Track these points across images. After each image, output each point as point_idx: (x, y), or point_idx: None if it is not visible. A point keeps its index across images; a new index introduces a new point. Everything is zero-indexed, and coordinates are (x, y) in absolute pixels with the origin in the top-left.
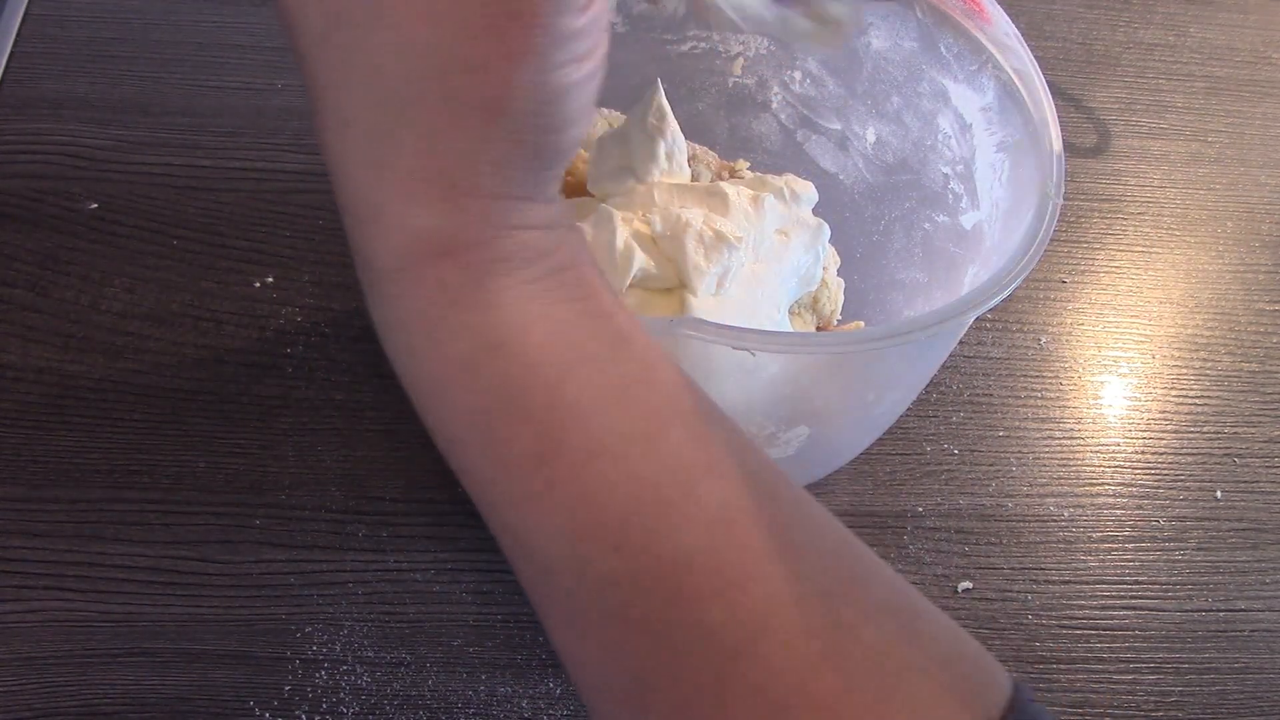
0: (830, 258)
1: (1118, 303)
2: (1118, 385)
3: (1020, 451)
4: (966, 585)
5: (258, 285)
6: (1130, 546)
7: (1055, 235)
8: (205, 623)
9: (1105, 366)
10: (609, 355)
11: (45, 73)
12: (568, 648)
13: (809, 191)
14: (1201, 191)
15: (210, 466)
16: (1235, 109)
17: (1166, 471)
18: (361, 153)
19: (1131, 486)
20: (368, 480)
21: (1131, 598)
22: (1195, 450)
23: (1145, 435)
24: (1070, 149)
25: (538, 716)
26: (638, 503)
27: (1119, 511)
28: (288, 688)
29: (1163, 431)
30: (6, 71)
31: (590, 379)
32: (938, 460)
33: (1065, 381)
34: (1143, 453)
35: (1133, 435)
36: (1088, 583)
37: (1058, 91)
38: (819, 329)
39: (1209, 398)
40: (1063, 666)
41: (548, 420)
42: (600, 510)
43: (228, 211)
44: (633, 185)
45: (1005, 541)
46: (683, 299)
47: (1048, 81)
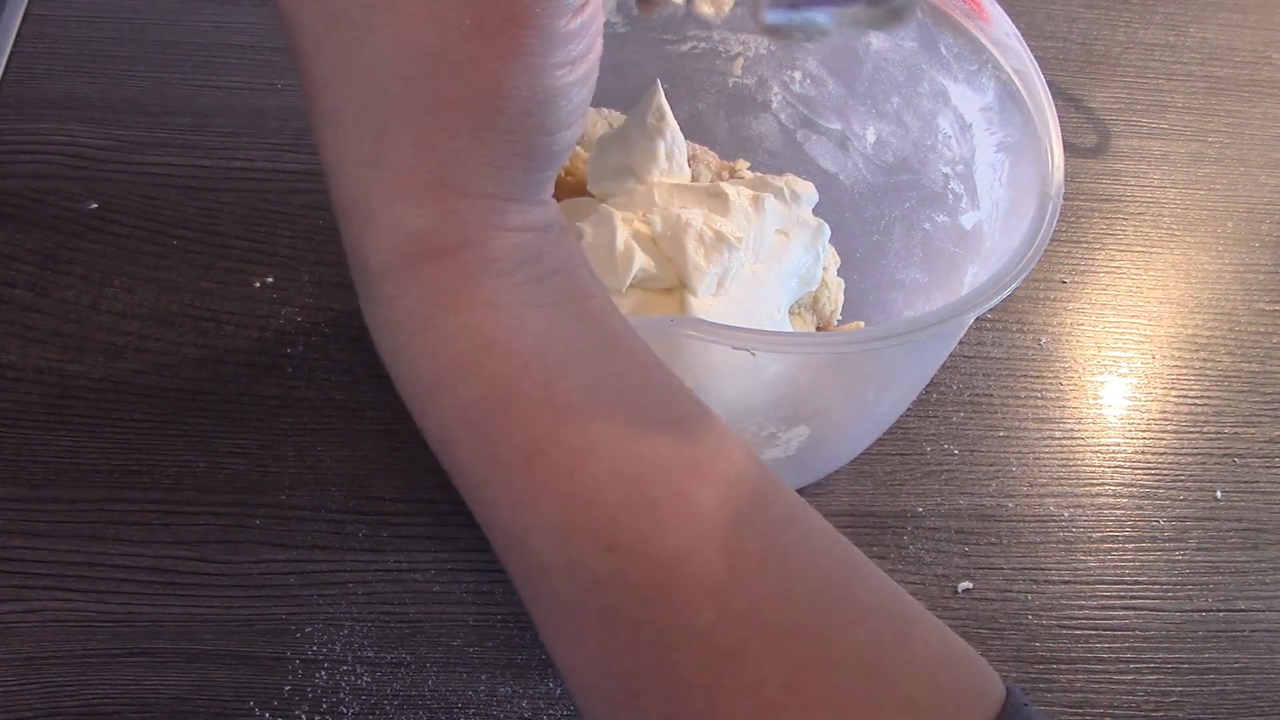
0: (830, 258)
1: (1118, 303)
2: (1118, 385)
3: (1020, 451)
4: (966, 585)
5: (258, 285)
6: (1130, 546)
7: (1055, 235)
8: (205, 623)
9: (1105, 366)
10: (600, 357)
11: (45, 73)
12: (560, 648)
13: (809, 191)
14: (1201, 191)
15: (210, 466)
16: (1235, 109)
17: (1166, 471)
18: (356, 152)
19: (1131, 486)
20: (368, 480)
21: (1131, 598)
22: (1195, 450)
23: (1145, 435)
24: (1070, 149)
25: (538, 716)
26: (628, 503)
27: (1119, 511)
28: (288, 688)
29: (1163, 431)
30: (6, 71)
31: (582, 380)
32: (938, 460)
33: (1065, 381)
34: (1143, 453)
35: (1133, 435)
36: (1088, 583)
37: (1058, 91)
38: (819, 329)
39: (1209, 398)
40: (1063, 666)
41: (539, 421)
42: (591, 511)
43: (228, 211)
44: (633, 185)
45: (1005, 541)
46: (683, 299)
47: (1048, 81)
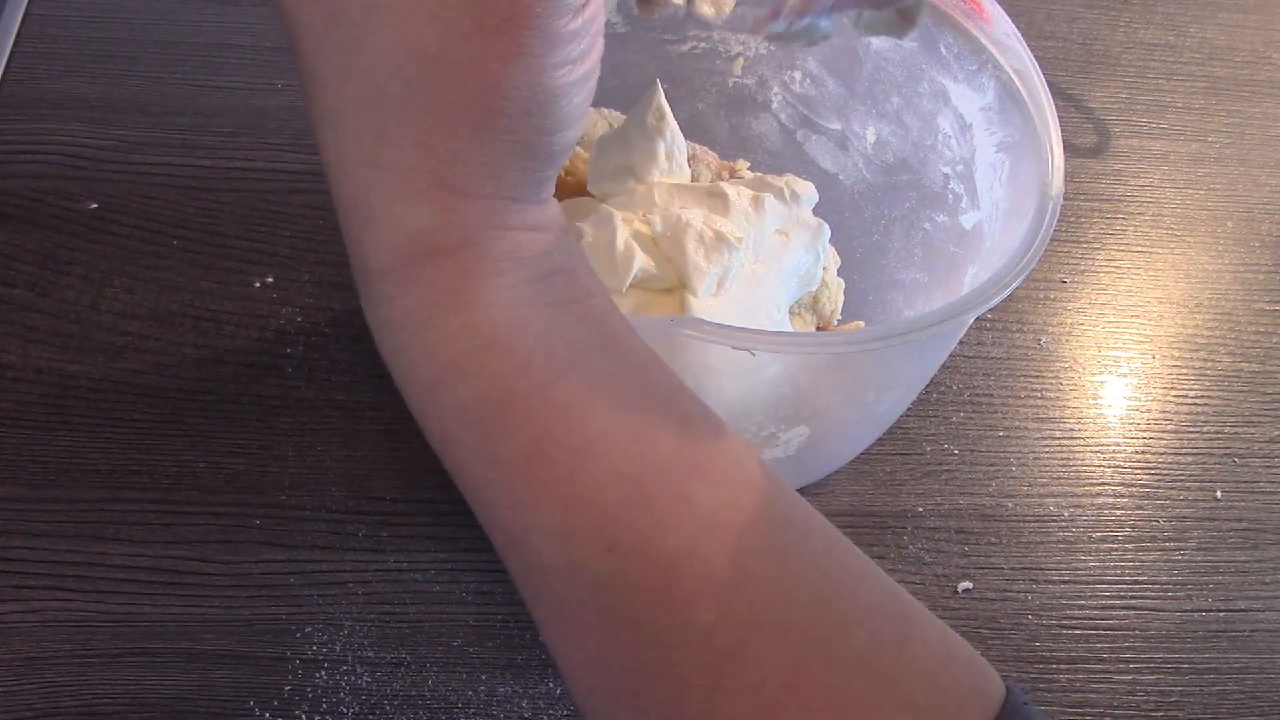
0: (830, 258)
1: (1118, 303)
2: (1118, 385)
3: (1020, 451)
4: (966, 585)
5: (258, 285)
6: (1130, 546)
7: (1055, 235)
8: (205, 623)
9: (1105, 366)
10: (601, 357)
11: (45, 73)
12: (560, 648)
13: (809, 192)
14: (1201, 191)
15: (210, 466)
16: (1235, 109)
17: (1166, 471)
18: (356, 152)
19: (1131, 486)
20: (368, 480)
21: (1131, 598)
22: (1195, 450)
23: (1145, 435)
24: (1070, 149)
25: (538, 716)
26: (628, 503)
27: (1119, 511)
28: (288, 688)
29: (1163, 431)
30: (6, 71)
31: (582, 380)
32: (938, 460)
33: (1065, 381)
34: (1143, 453)
35: (1133, 435)
36: (1088, 583)
37: (1058, 91)
38: (819, 329)
39: (1209, 398)
40: (1063, 666)
41: (540, 421)
42: (592, 510)
43: (228, 211)
44: (633, 185)
45: (1005, 541)
46: (683, 299)
47: (1048, 81)
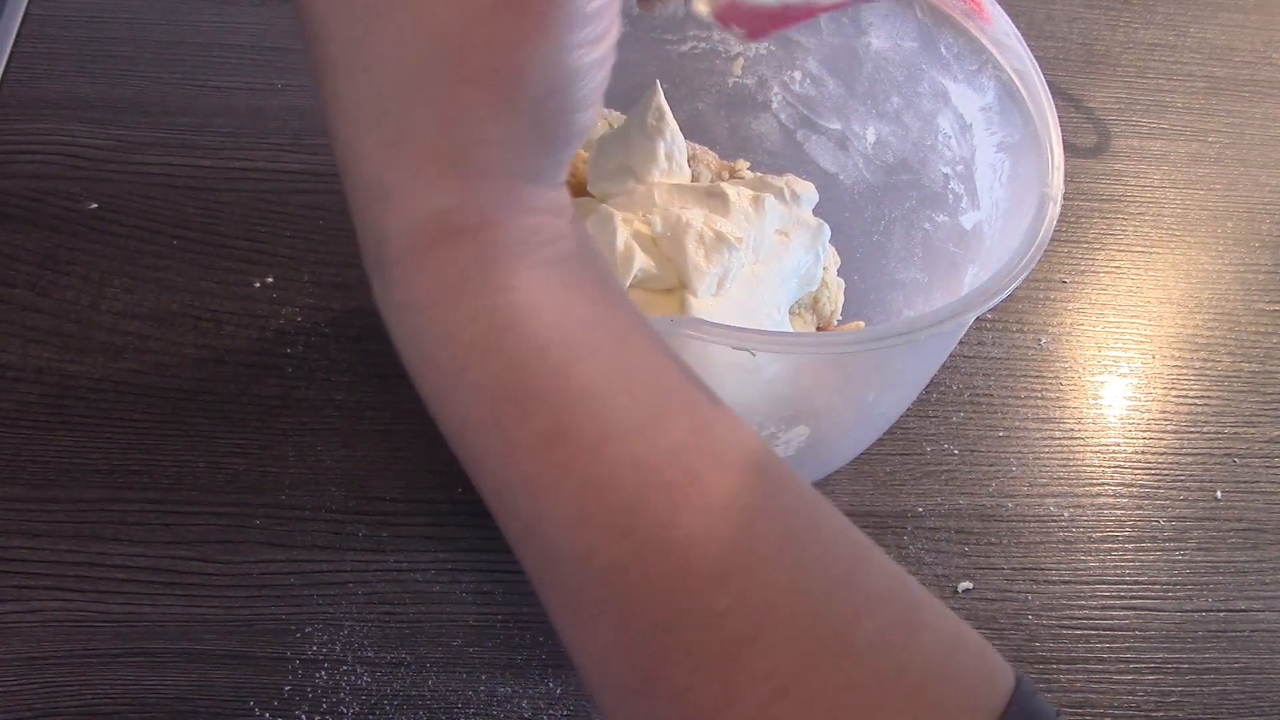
0: (830, 258)
1: (1118, 303)
2: (1118, 385)
3: (1020, 451)
4: (966, 585)
5: (258, 285)
6: (1130, 546)
7: (1055, 235)
8: (205, 623)
9: (1105, 366)
10: (616, 343)
11: (45, 73)
12: (573, 635)
13: (809, 192)
14: (1201, 191)
15: (210, 466)
16: (1235, 109)
17: (1166, 471)
18: (376, 132)
19: (1131, 486)
20: (368, 480)
21: (1131, 598)
22: (1195, 450)
23: (1145, 435)
24: (1070, 149)
25: (538, 716)
26: (645, 488)
27: (1119, 511)
28: (288, 688)
29: (1163, 431)
30: (6, 71)
31: (599, 365)
32: (938, 460)
33: (1065, 381)
34: (1143, 453)
35: (1133, 435)
36: (1088, 583)
37: (1058, 91)
38: (819, 329)
39: (1209, 398)
40: (1063, 666)
41: (557, 404)
42: (609, 495)
43: (228, 211)
44: (633, 185)
45: (1005, 541)
46: (683, 299)
47: (1048, 81)
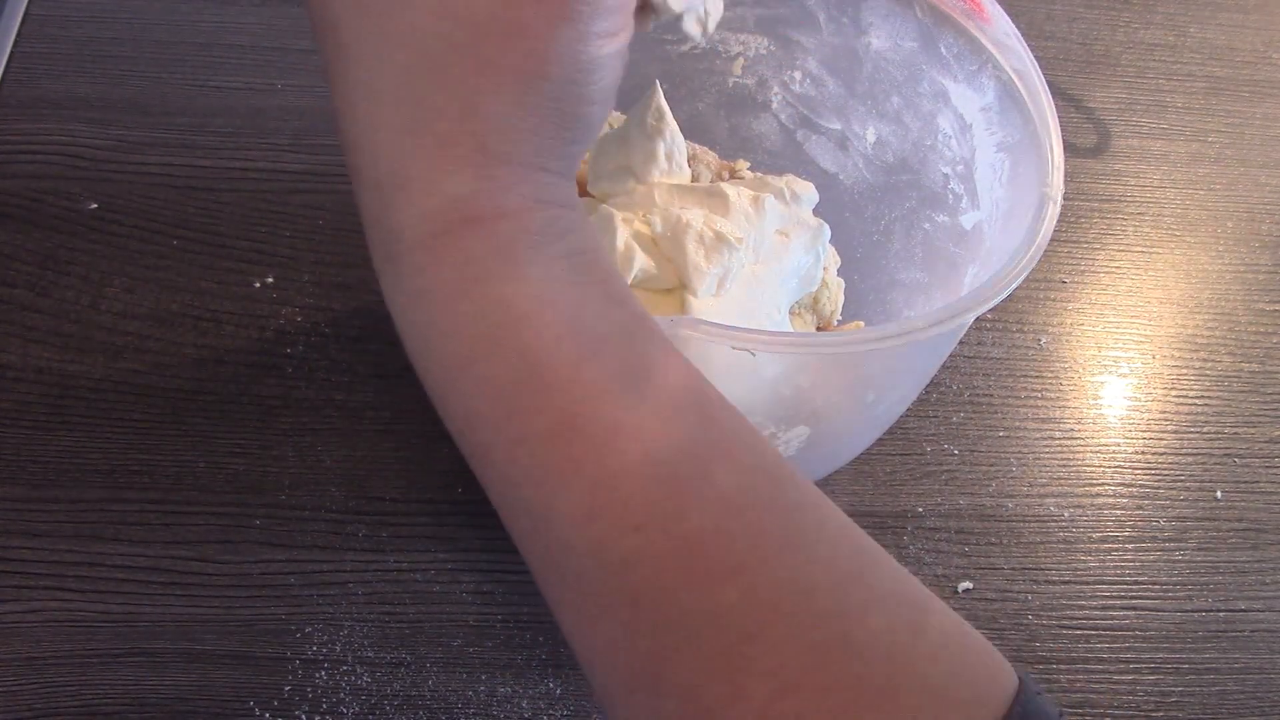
0: (830, 258)
1: (1118, 303)
2: (1118, 385)
3: (1020, 451)
4: (966, 585)
5: (258, 285)
6: (1130, 546)
7: (1055, 235)
8: (205, 623)
9: (1105, 366)
10: (626, 339)
11: (45, 73)
12: (580, 630)
13: (809, 192)
14: (1201, 191)
15: (210, 466)
16: (1235, 109)
17: (1166, 471)
18: (393, 120)
19: (1131, 486)
20: (368, 480)
21: (1131, 598)
22: (1195, 450)
23: (1145, 435)
24: (1070, 149)
25: (538, 716)
26: (656, 483)
27: (1119, 511)
28: (288, 688)
29: (1163, 431)
30: (6, 71)
31: (611, 359)
32: (938, 460)
33: (1065, 381)
34: (1143, 453)
35: (1133, 435)
36: (1088, 583)
37: (1058, 91)
38: (819, 329)
39: (1209, 398)
40: (1063, 666)
41: (570, 398)
42: (619, 490)
43: (228, 211)
44: (633, 186)
45: (1005, 541)
46: (683, 299)
47: (1048, 81)
